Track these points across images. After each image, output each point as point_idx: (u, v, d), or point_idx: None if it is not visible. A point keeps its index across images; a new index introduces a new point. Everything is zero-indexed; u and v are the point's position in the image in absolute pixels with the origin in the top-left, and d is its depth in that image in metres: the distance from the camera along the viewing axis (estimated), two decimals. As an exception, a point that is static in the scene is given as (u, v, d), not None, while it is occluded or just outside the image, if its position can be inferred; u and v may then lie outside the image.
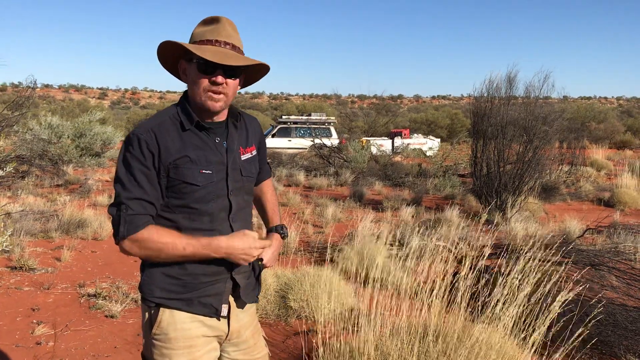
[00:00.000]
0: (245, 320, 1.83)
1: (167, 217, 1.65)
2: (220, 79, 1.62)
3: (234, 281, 1.74)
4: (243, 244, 1.64)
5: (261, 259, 1.87)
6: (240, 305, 1.79)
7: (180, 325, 1.67)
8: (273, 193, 2.09)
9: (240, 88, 1.75)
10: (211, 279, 1.69)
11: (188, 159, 1.62)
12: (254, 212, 1.99)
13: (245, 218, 1.79)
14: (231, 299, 1.76)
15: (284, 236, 2.00)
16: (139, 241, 1.57)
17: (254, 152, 1.84)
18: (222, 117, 1.73)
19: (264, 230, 2.06)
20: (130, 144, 1.59)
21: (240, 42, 1.69)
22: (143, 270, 1.70)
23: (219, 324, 1.73)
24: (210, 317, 1.71)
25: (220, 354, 1.81)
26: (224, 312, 1.73)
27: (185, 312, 1.67)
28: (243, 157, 1.78)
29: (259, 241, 1.68)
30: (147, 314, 1.70)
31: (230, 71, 1.63)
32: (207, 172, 1.65)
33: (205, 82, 1.62)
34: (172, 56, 1.71)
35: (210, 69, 1.61)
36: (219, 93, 1.64)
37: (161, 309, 1.67)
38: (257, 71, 1.79)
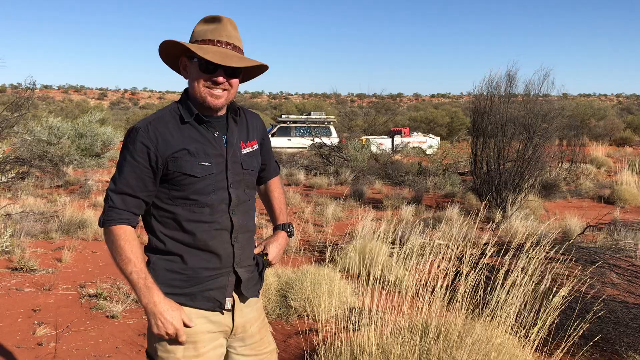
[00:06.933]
0: (250, 315, 1.83)
1: (168, 209, 1.68)
2: (221, 79, 1.67)
3: (237, 275, 1.76)
4: (169, 315, 1.60)
5: (266, 254, 1.89)
6: (243, 300, 1.80)
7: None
8: (281, 191, 2.09)
9: (239, 84, 1.79)
10: (213, 272, 1.71)
11: (186, 151, 1.66)
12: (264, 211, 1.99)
13: (246, 211, 1.80)
14: (234, 294, 1.77)
15: (290, 234, 2.02)
16: (109, 234, 1.64)
17: (256, 147, 1.86)
18: (222, 112, 1.77)
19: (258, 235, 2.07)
20: (128, 136, 1.66)
21: (240, 42, 1.73)
22: (147, 267, 1.70)
23: (224, 319, 1.74)
24: (214, 311, 1.72)
25: (228, 350, 1.81)
26: (228, 305, 1.74)
27: (190, 307, 1.68)
28: (244, 151, 1.80)
29: (180, 324, 1.62)
30: None
31: (230, 71, 1.68)
32: (205, 164, 1.67)
33: (206, 81, 1.67)
34: (173, 53, 1.75)
35: (211, 69, 1.65)
36: (223, 90, 1.69)
37: None
38: (256, 69, 1.83)
